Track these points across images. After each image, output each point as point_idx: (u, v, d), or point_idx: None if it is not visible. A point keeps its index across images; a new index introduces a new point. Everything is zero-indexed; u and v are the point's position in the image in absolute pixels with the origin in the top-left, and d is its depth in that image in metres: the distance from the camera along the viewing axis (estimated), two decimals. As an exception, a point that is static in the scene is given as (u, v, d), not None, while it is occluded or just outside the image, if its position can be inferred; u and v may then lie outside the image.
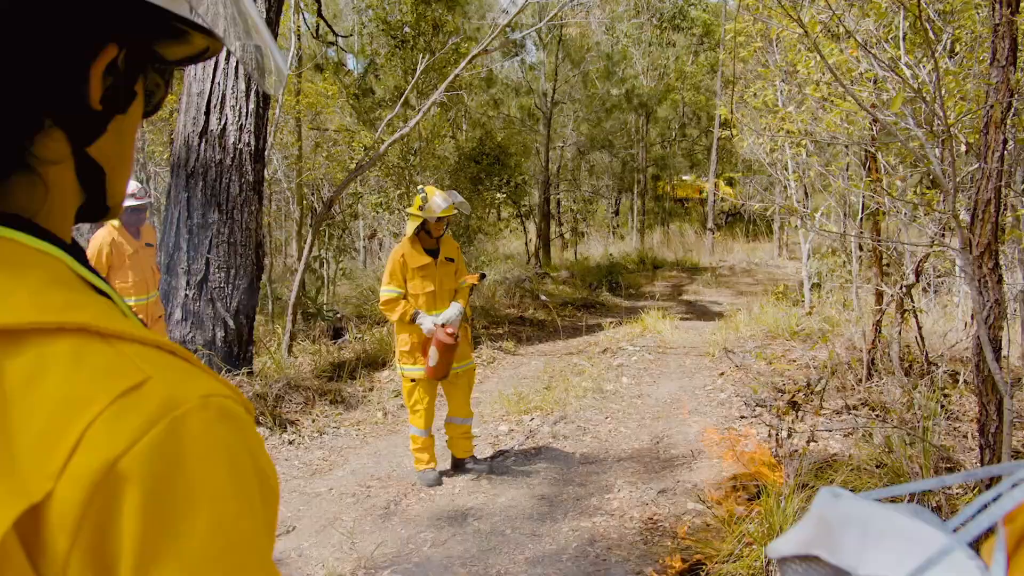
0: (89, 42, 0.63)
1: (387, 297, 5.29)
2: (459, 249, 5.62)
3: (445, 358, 5.16)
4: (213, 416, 0.58)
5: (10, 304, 0.55)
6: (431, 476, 5.44)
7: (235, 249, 7.29)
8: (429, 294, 5.31)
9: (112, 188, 0.71)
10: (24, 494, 0.51)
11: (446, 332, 5.08)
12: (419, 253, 5.33)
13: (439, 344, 5.09)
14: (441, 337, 5.08)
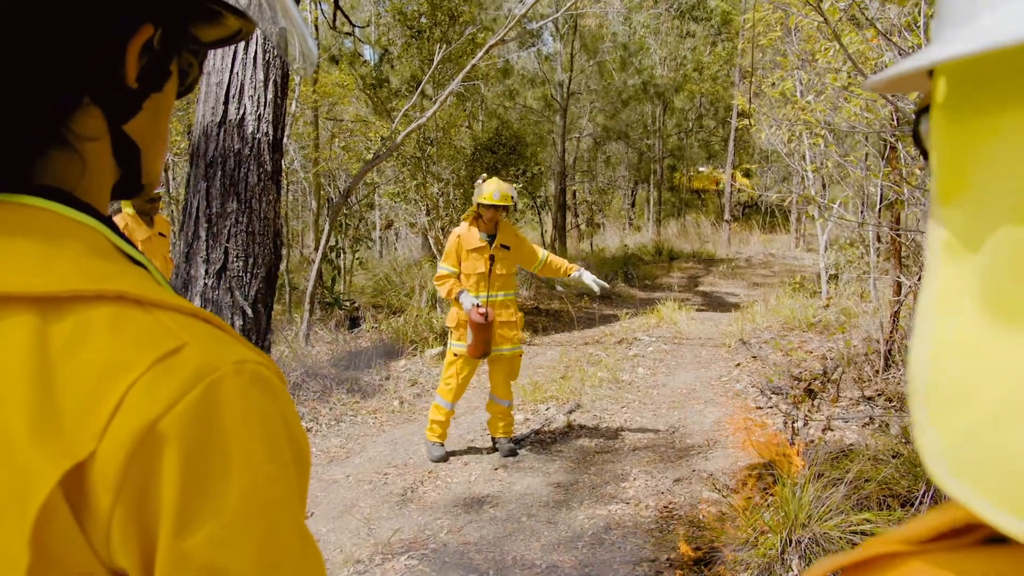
0: (126, 21, 0.65)
1: (440, 273, 5.65)
2: (520, 237, 5.79)
3: (478, 337, 5.37)
4: (247, 381, 0.60)
5: (52, 272, 0.57)
6: (438, 451, 5.67)
7: (253, 238, 7.32)
8: (480, 275, 5.57)
9: (147, 165, 0.73)
10: (69, 453, 0.53)
11: (478, 312, 5.30)
12: (475, 236, 5.59)
13: (472, 324, 5.33)
14: (473, 317, 5.30)
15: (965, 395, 0.33)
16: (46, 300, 0.57)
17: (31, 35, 0.60)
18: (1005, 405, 0.31)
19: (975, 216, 0.34)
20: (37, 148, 0.63)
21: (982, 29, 0.31)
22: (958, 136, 0.35)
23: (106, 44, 0.64)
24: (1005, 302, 0.32)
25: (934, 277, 0.36)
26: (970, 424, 0.32)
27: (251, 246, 7.48)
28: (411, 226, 13.36)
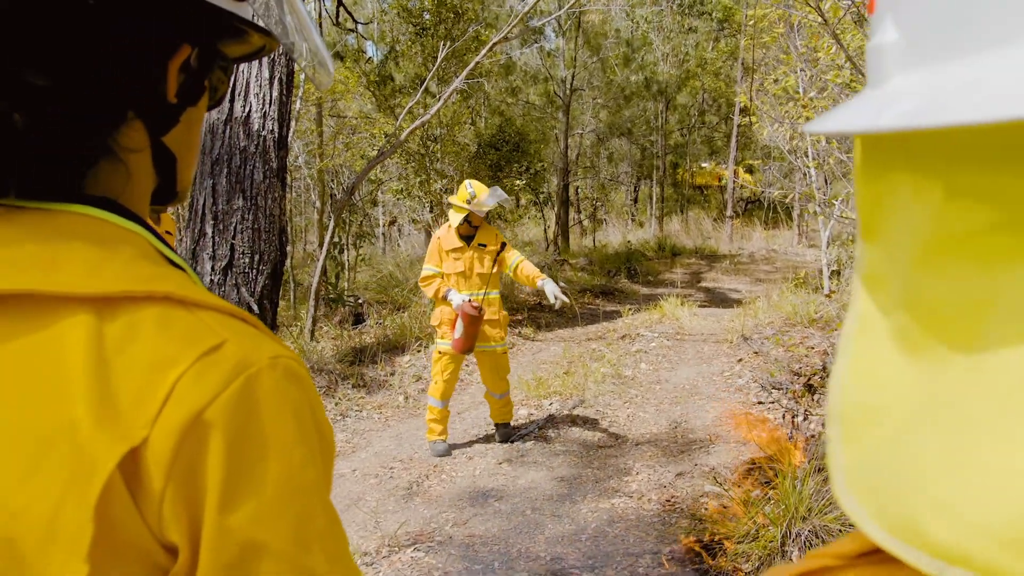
0: (168, 43, 0.72)
1: (425, 274, 5.80)
2: (499, 236, 5.86)
3: (468, 331, 5.49)
4: (281, 375, 0.66)
5: (105, 274, 0.63)
6: (440, 447, 5.79)
7: (259, 235, 7.39)
8: (459, 274, 5.71)
9: (182, 174, 0.79)
10: (126, 438, 0.59)
11: (471, 305, 5.46)
12: (454, 237, 5.73)
13: (464, 315, 5.45)
14: (467, 310, 5.44)
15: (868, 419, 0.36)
16: (101, 300, 0.62)
17: (89, 59, 0.66)
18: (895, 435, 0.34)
19: (887, 257, 0.37)
20: (88, 160, 0.69)
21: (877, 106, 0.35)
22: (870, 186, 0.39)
23: (151, 64, 0.71)
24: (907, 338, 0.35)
25: (856, 305, 0.40)
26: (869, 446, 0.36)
27: (257, 243, 7.55)
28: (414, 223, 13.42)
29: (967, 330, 0.32)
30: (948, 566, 0.30)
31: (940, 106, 0.30)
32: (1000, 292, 0.31)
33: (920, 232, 0.35)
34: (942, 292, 0.33)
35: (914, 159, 0.35)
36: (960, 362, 0.32)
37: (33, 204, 0.65)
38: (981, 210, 0.32)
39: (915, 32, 0.34)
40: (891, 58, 0.36)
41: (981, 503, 0.29)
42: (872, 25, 0.39)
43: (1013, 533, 0.28)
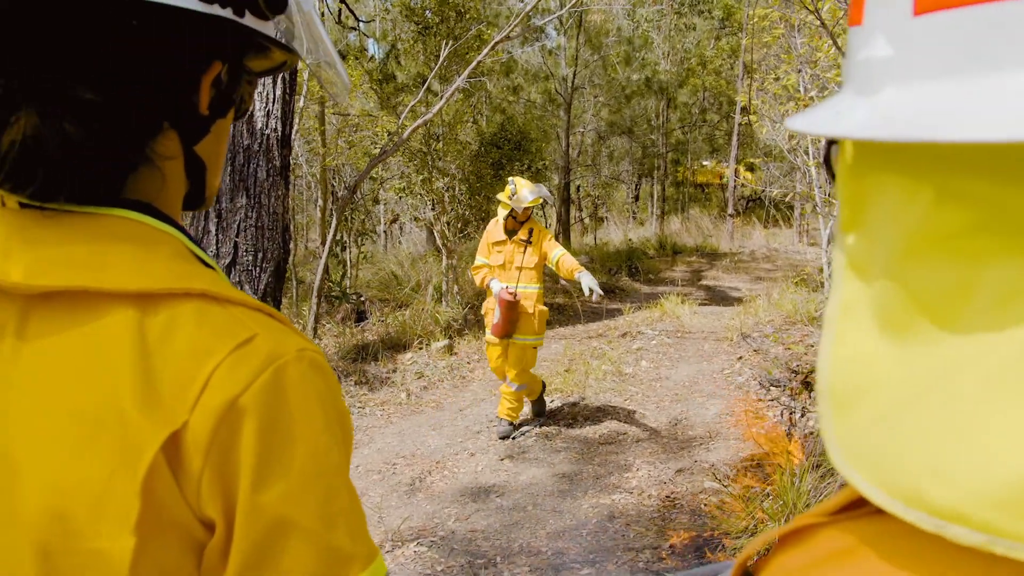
0: (202, 60, 0.78)
1: (475, 265, 6.22)
2: (542, 231, 6.10)
3: (505, 316, 5.80)
4: (306, 366, 0.73)
5: (147, 273, 0.69)
6: (503, 427, 6.15)
7: (263, 233, 7.43)
8: (500, 267, 6.02)
9: (210, 181, 0.85)
10: (168, 423, 0.65)
11: (507, 292, 5.78)
12: (499, 230, 6.07)
13: (500, 302, 5.78)
14: (503, 296, 5.76)
15: (857, 396, 0.40)
16: (143, 296, 0.69)
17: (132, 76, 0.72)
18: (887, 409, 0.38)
19: (869, 247, 0.41)
20: (128, 167, 0.74)
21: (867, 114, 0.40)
22: (856, 182, 0.43)
23: (186, 79, 0.77)
24: (891, 322, 0.39)
25: (839, 290, 0.44)
26: (858, 421, 0.40)
27: (260, 240, 7.58)
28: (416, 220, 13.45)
29: (949, 316, 0.37)
30: (948, 524, 0.34)
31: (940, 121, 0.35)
32: (979, 284, 0.35)
33: (907, 228, 0.39)
34: (925, 282, 0.38)
35: (907, 163, 0.39)
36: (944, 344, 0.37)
37: (79, 208, 0.71)
38: (966, 213, 0.36)
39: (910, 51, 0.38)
40: (884, 71, 0.40)
41: (975, 469, 0.34)
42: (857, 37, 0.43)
43: (1005, 494, 0.32)
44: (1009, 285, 0.35)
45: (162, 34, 0.73)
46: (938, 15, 0.37)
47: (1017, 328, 0.34)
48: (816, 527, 0.44)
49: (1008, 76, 0.34)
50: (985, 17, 0.35)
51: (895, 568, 0.37)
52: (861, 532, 0.41)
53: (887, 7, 0.40)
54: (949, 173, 0.37)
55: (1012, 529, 0.32)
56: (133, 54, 0.72)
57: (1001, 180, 0.35)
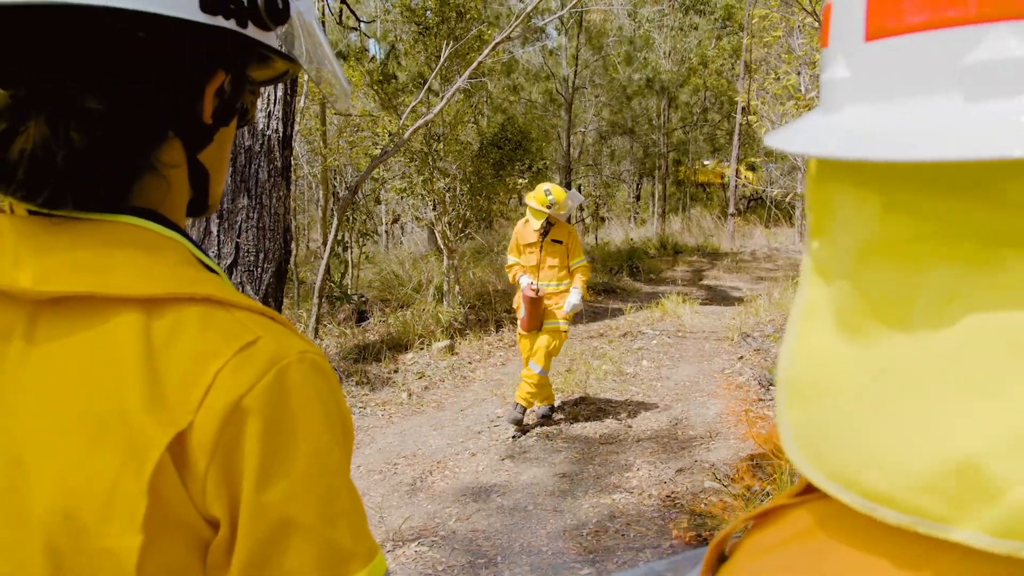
0: (205, 70, 0.79)
1: (507, 264, 6.54)
2: (573, 233, 6.40)
3: (530, 311, 6.13)
4: (308, 368, 0.74)
5: (153, 278, 0.71)
6: (544, 408, 6.48)
7: (264, 234, 7.45)
8: (532, 266, 6.30)
9: (213, 188, 0.87)
10: (173, 424, 0.67)
11: (531, 288, 6.06)
12: (530, 233, 6.31)
13: (525, 298, 6.10)
14: (527, 292, 6.06)
15: (812, 389, 0.43)
16: (149, 301, 0.71)
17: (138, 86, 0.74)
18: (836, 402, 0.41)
19: (830, 253, 0.45)
20: (134, 175, 0.76)
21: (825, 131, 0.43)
22: (819, 192, 0.46)
23: (190, 89, 0.79)
24: (847, 322, 0.42)
25: (804, 291, 0.47)
26: (811, 412, 0.43)
27: (262, 241, 7.59)
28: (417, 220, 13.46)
29: (895, 317, 0.40)
30: (877, 506, 0.38)
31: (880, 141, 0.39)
32: (922, 288, 0.39)
33: (860, 235, 0.42)
34: (875, 285, 0.41)
35: (858, 175, 0.42)
36: (890, 343, 0.40)
37: (86, 215, 0.73)
38: (909, 222, 0.40)
39: (863, 74, 0.42)
40: (842, 91, 0.43)
41: (903, 456, 0.37)
42: (824, 58, 0.46)
43: (928, 478, 0.36)
44: (947, 289, 0.37)
45: (167, 45, 0.74)
46: (886, 41, 0.40)
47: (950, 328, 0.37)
48: (786, 508, 0.48)
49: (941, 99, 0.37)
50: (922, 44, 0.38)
51: (845, 546, 0.41)
52: (820, 513, 0.44)
53: (845, 32, 0.43)
54: (893, 186, 0.40)
55: (933, 511, 0.36)
56: (139, 65, 0.74)
57: (938, 193, 0.38)
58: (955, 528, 0.35)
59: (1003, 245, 0.36)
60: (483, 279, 12.23)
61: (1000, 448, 0.34)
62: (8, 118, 0.69)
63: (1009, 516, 0.34)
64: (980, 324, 0.36)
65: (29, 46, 0.69)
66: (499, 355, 9.05)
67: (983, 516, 0.34)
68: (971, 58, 0.36)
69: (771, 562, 0.45)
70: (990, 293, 0.36)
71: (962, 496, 0.35)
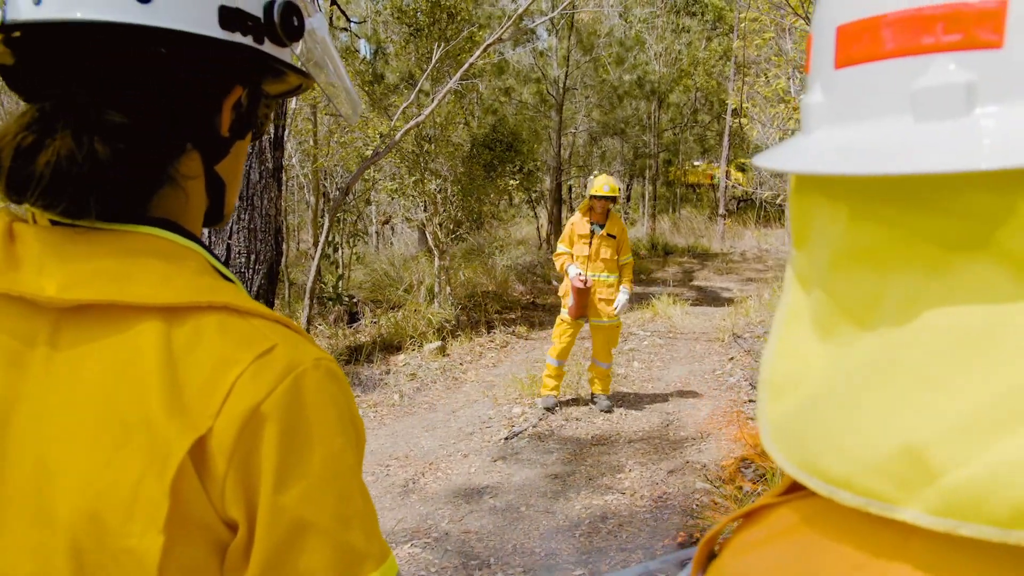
0: (224, 85, 0.82)
1: (557, 251, 6.81)
2: (624, 231, 6.77)
3: (578, 300, 6.45)
4: (323, 374, 0.77)
5: (173, 287, 0.73)
6: (549, 400, 6.82)
7: (255, 235, 7.45)
8: (584, 257, 6.61)
9: (229, 198, 0.90)
10: (194, 428, 0.69)
11: (579, 279, 6.39)
12: (585, 223, 6.63)
13: (574, 289, 6.41)
14: (575, 283, 6.39)
15: (788, 386, 0.48)
16: (169, 309, 0.73)
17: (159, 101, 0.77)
18: (808, 398, 0.45)
19: (810, 262, 0.49)
20: (154, 186, 0.78)
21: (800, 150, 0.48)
22: (799, 204, 0.51)
23: (209, 103, 0.82)
24: (822, 325, 0.47)
25: (787, 295, 0.51)
26: (786, 407, 0.47)
27: (253, 243, 7.59)
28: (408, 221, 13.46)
29: (863, 318, 0.44)
30: (836, 489, 0.42)
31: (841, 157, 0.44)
32: (886, 291, 0.43)
33: (832, 242, 0.46)
34: (846, 290, 0.45)
35: (829, 188, 0.47)
36: (858, 343, 0.44)
37: (107, 225, 0.75)
38: (874, 230, 0.44)
39: (834, 98, 0.47)
40: (817, 114, 0.48)
41: (860, 443, 0.41)
42: (806, 84, 0.51)
43: (879, 463, 0.40)
44: (909, 291, 0.42)
45: (188, 61, 0.77)
46: (851, 68, 0.45)
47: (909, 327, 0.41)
48: (771, 506, 0.51)
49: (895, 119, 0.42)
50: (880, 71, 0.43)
51: (827, 540, 0.44)
52: (803, 510, 0.48)
53: (821, 60, 0.48)
54: (859, 197, 0.45)
55: (883, 492, 0.39)
56: (161, 80, 0.76)
57: (897, 203, 0.43)
58: (901, 508, 0.39)
59: (954, 250, 0.40)
60: (474, 280, 12.24)
61: (941, 435, 0.38)
62: (35, 131, 0.72)
63: (946, 497, 0.37)
64: (934, 323, 0.40)
65: (55, 62, 0.72)
66: (491, 356, 9.06)
67: (924, 497, 0.38)
68: (919, 83, 0.40)
69: (758, 558, 0.48)
70: (944, 295, 0.40)
71: (907, 478, 0.39)
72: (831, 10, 0.46)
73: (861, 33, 0.43)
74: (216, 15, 0.76)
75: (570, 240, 6.70)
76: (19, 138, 0.71)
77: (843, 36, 0.45)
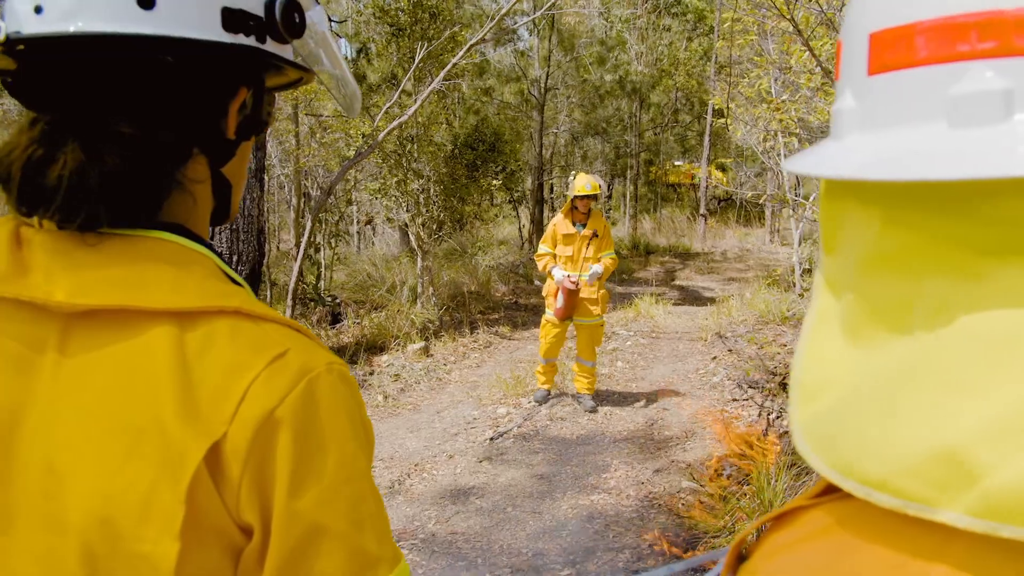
0: (229, 88, 0.82)
1: (539, 252, 6.84)
2: (607, 227, 6.82)
3: (567, 302, 6.48)
4: (335, 378, 0.77)
5: (184, 292, 0.73)
6: (540, 394, 7.00)
7: (237, 235, 7.41)
8: (568, 257, 6.67)
9: (235, 198, 0.89)
10: (209, 434, 0.69)
11: (570, 280, 6.42)
12: (568, 224, 6.67)
13: (563, 290, 6.44)
14: (566, 284, 6.41)
15: (820, 389, 0.48)
16: (181, 314, 0.72)
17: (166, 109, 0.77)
18: (841, 400, 0.46)
19: (840, 267, 0.50)
20: (163, 192, 0.78)
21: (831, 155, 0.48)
22: (830, 210, 0.51)
23: (215, 107, 0.81)
24: (853, 329, 0.47)
25: (816, 300, 0.52)
26: (818, 409, 0.48)
27: (235, 243, 7.54)
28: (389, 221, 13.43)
29: (895, 323, 0.44)
30: (873, 491, 0.42)
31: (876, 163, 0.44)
32: (919, 296, 0.43)
33: (864, 248, 0.47)
34: (878, 294, 0.46)
35: (862, 194, 0.48)
36: (890, 347, 0.44)
37: (117, 231, 0.74)
38: (906, 236, 0.45)
39: (867, 104, 0.47)
40: (849, 120, 0.49)
41: (897, 445, 0.41)
42: (836, 91, 0.52)
43: (917, 465, 0.40)
44: (941, 297, 0.42)
45: (194, 67, 0.77)
46: (886, 75, 0.45)
47: (943, 332, 0.42)
48: (803, 509, 0.51)
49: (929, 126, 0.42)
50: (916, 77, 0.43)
51: (863, 541, 0.44)
52: (838, 512, 0.48)
53: (852, 66, 0.49)
54: (892, 203, 0.45)
55: (921, 494, 0.40)
56: (168, 88, 0.76)
57: (931, 209, 0.43)
58: (940, 510, 0.39)
59: (988, 255, 0.41)
60: (457, 280, 12.23)
61: (980, 438, 0.38)
62: (44, 144, 0.71)
63: (986, 498, 0.37)
64: (968, 327, 0.41)
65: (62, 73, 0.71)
66: (474, 356, 9.06)
67: (964, 499, 0.38)
68: (955, 91, 0.41)
69: (792, 560, 0.48)
70: (978, 299, 0.41)
71: (946, 481, 0.39)
72: (863, 17, 0.47)
73: (895, 40, 0.44)
74: (219, 18, 0.76)
75: (553, 240, 6.72)
76: (29, 151, 0.71)
77: (876, 43, 0.45)
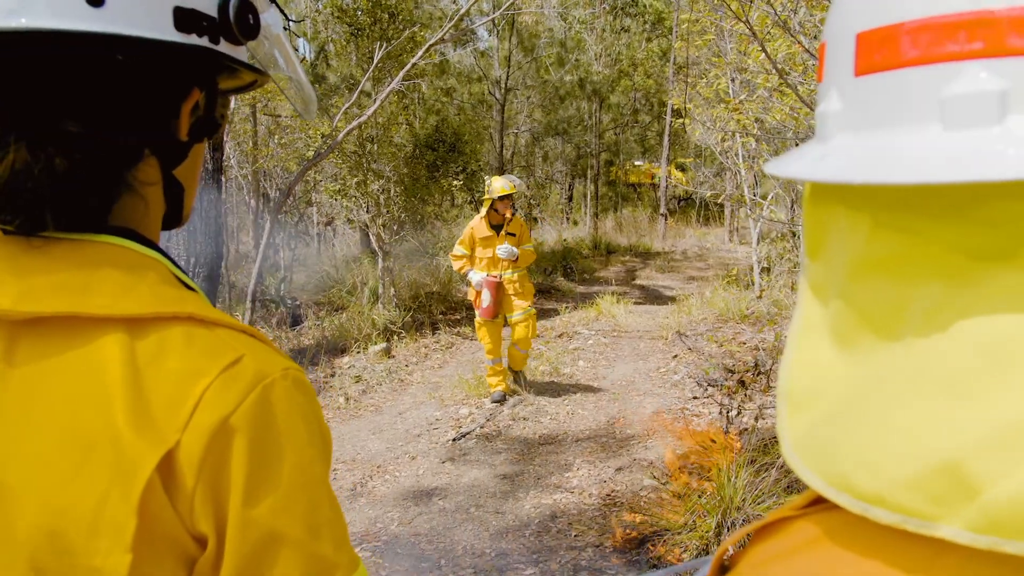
0: (182, 89, 0.80)
1: (455, 253, 6.91)
2: (524, 227, 6.97)
3: (493, 298, 6.65)
4: (291, 384, 0.75)
5: (135, 298, 0.71)
6: (497, 394, 6.97)
7: (195, 238, 7.32)
8: (489, 259, 6.76)
9: (187, 202, 0.87)
10: (161, 442, 0.67)
11: (492, 277, 6.62)
12: (485, 227, 6.76)
13: (489, 286, 6.61)
14: (487, 283, 6.60)
15: (809, 398, 0.47)
16: (132, 320, 0.71)
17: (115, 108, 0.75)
18: (832, 410, 0.45)
19: (826, 271, 0.48)
20: (112, 195, 0.76)
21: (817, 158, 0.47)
22: (815, 214, 0.50)
23: (167, 108, 0.79)
24: (841, 336, 0.46)
25: (801, 309, 0.50)
26: (808, 419, 0.46)
27: (193, 245, 7.45)
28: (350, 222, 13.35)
29: (886, 329, 0.43)
30: (869, 506, 0.41)
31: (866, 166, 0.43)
32: (911, 301, 0.42)
33: (852, 252, 0.46)
34: (867, 300, 0.44)
35: (849, 198, 0.46)
36: (881, 354, 0.43)
37: (65, 235, 0.73)
38: (896, 240, 0.43)
39: (853, 106, 0.46)
40: (835, 122, 0.47)
41: (892, 458, 0.40)
42: (820, 92, 0.50)
43: (914, 478, 0.39)
44: (934, 301, 0.41)
45: (144, 66, 0.75)
46: (874, 76, 0.44)
47: (936, 338, 0.40)
48: (788, 520, 0.50)
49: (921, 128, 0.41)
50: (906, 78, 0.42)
51: (853, 554, 0.43)
52: (826, 524, 0.46)
53: (838, 67, 0.47)
54: (881, 206, 0.44)
55: (919, 509, 0.38)
56: (118, 87, 0.74)
57: (922, 213, 0.42)
58: (940, 525, 0.38)
59: (982, 260, 0.40)
60: (418, 281, 12.19)
61: (979, 449, 0.37)
62: None
63: (987, 513, 0.36)
64: (962, 333, 0.39)
65: (7, 71, 0.69)
66: (436, 357, 9.04)
67: (964, 513, 0.37)
68: (948, 91, 0.40)
69: (778, 571, 0.47)
70: (972, 304, 0.40)
71: (945, 495, 0.38)
72: (849, 18, 0.46)
73: (883, 40, 0.43)
74: (171, 17, 0.74)
75: (470, 243, 6.80)
76: None
77: (863, 43, 0.44)
